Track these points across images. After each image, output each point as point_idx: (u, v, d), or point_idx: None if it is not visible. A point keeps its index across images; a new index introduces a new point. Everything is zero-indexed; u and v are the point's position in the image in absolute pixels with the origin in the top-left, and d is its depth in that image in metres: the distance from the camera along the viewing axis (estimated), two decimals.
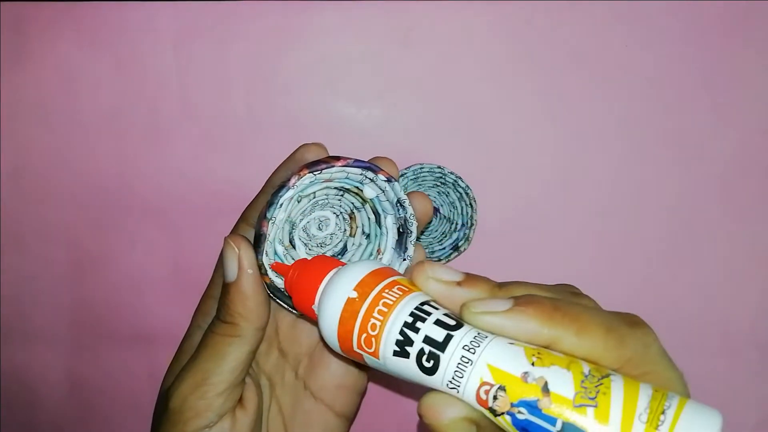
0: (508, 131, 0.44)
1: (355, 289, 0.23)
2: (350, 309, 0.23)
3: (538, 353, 0.20)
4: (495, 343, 0.21)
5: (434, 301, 0.23)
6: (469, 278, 0.23)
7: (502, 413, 0.20)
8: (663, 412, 0.18)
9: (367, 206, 0.28)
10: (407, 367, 0.22)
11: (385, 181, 0.26)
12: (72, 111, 0.44)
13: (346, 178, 0.26)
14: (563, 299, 0.22)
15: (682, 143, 0.44)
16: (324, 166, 0.25)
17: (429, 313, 0.22)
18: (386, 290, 0.23)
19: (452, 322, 0.22)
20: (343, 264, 0.25)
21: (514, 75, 0.44)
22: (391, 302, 0.22)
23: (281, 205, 0.25)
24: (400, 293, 0.23)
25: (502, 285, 0.23)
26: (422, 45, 0.44)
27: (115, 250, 0.45)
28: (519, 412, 0.20)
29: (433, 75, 0.44)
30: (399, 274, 0.24)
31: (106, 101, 0.44)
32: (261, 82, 0.44)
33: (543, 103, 0.44)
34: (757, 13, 0.44)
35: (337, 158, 0.26)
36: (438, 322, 0.22)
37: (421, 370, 0.22)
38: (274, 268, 0.26)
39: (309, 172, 0.25)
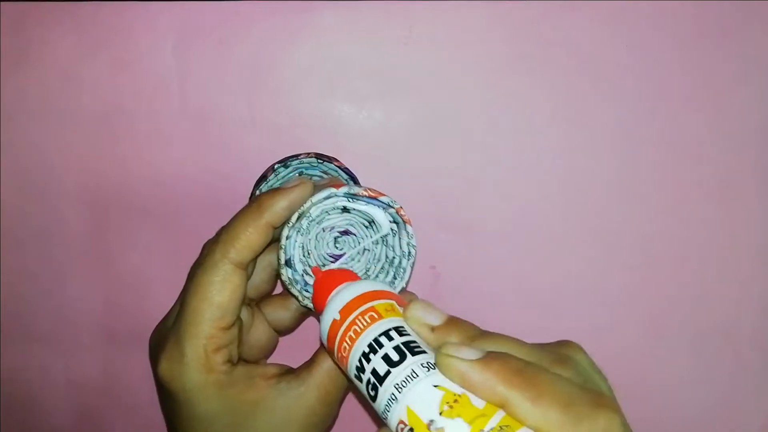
0: (508, 132, 0.44)
1: (339, 312, 0.27)
2: (333, 330, 0.27)
3: (455, 401, 0.21)
4: (419, 385, 0.23)
5: (404, 327, 0.25)
6: (449, 323, 0.25)
7: None
8: None
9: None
10: (362, 391, 0.25)
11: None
12: (72, 111, 0.44)
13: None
14: (535, 364, 0.22)
15: (682, 143, 0.44)
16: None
17: (382, 345, 0.24)
18: (359, 317, 0.26)
19: (396, 358, 0.24)
20: (351, 280, 0.29)
21: (514, 75, 0.44)
22: (359, 330, 0.25)
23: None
24: (370, 321, 0.26)
25: (484, 334, 0.24)
26: (422, 45, 0.44)
27: (115, 250, 0.45)
28: None
29: (434, 75, 0.44)
30: (384, 297, 0.27)
31: (106, 101, 0.44)
32: (261, 82, 0.44)
33: (543, 103, 0.44)
34: (757, 13, 0.44)
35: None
36: (385, 357, 0.24)
37: (368, 396, 0.25)
38: (313, 270, 0.33)
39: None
